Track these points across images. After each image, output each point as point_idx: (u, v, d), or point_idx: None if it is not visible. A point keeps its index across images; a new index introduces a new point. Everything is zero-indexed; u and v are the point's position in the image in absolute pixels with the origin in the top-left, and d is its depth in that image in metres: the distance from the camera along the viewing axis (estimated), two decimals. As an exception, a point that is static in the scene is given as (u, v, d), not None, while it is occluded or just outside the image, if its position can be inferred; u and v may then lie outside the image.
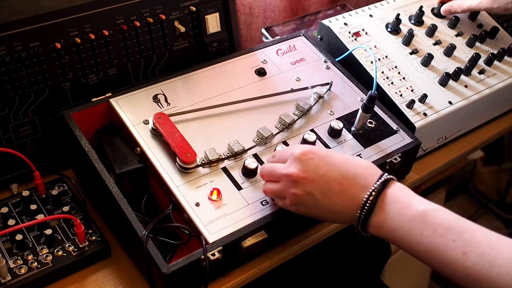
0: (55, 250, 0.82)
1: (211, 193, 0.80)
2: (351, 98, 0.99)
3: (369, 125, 0.94)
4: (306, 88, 0.98)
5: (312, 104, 0.95)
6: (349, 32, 1.08)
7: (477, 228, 0.65)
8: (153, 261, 0.73)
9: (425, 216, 0.66)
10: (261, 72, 0.99)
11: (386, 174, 0.72)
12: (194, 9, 1.03)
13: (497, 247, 0.62)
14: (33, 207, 0.87)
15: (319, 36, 1.12)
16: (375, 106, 0.93)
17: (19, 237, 0.80)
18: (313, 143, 0.86)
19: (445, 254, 0.64)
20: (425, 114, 0.99)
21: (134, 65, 1.00)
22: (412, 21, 1.14)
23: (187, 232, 0.77)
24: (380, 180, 0.71)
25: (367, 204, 0.70)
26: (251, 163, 0.82)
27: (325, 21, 1.10)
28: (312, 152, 0.74)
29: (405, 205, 0.68)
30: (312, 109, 0.95)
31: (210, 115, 0.91)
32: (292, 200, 0.74)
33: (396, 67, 1.05)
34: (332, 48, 1.08)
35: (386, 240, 0.71)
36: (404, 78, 1.04)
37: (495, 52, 1.12)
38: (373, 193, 0.70)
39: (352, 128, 0.93)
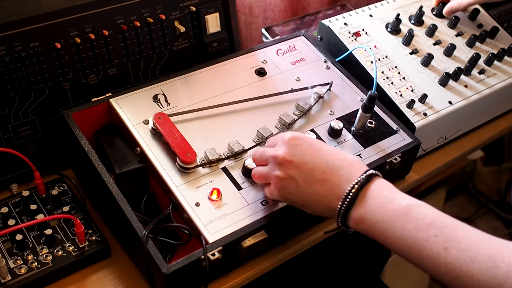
0: (55, 250, 0.82)
1: (211, 193, 0.80)
2: (351, 98, 0.99)
3: (369, 125, 0.94)
4: (306, 88, 0.98)
5: (312, 104, 0.95)
6: (349, 32, 1.08)
7: (459, 224, 0.64)
8: (153, 261, 0.73)
9: (408, 211, 0.66)
10: (261, 72, 0.99)
11: (371, 170, 0.71)
12: (194, 9, 1.03)
13: (478, 243, 0.61)
14: (33, 207, 0.87)
15: (319, 36, 1.12)
16: (375, 106, 0.93)
17: (19, 237, 0.80)
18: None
19: (426, 249, 0.63)
20: (425, 114, 0.99)
21: (134, 65, 1.00)
22: (412, 21, 1.14)
23: (187, 232, 0.77)
24: (365, 174, 0.70)
25: (349, 196, 0.69)
26: (251, 163, 0.82)
27: (325, 21, 1.10)
28: (302, 139, 0.74)
29: (388, 199, 0.68)
30: (312, 109, 0.95)
31: (210, 115, 0.91)
32: (275, 183, 0.74)
33: (396, 67, 1.05)
34: (332, 48, 1.08)
35: (367, 235, 0.70)
36: (404, 78, 1.04)
37: (495, 52, 1.12)
38: (356, 186, 0.69)
39: (352, 128, 0.93)
